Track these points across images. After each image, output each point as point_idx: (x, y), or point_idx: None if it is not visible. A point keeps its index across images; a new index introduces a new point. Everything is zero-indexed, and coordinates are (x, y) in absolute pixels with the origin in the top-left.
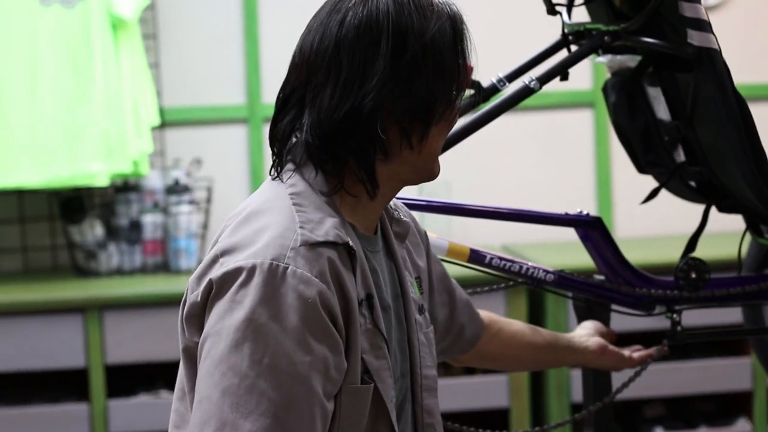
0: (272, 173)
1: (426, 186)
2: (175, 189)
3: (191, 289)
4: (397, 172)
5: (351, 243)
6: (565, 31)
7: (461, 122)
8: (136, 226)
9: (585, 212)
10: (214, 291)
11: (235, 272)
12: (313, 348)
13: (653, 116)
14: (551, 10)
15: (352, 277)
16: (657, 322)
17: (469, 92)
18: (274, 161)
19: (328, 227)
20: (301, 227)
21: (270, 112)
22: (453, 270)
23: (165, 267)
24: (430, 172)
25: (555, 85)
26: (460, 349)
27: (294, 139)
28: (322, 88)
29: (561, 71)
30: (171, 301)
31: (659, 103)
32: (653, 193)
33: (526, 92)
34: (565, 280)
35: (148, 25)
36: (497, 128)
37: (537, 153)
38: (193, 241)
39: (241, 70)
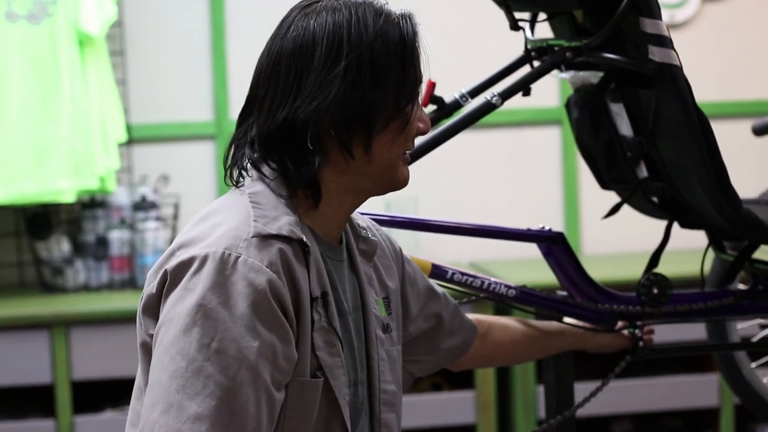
0: (227, 182)
1: (393, 202)
2: (142, 205)
3: (148, 282)
4: (355, 182)
5: (305, 239)
6: (528, 47)
7: (422, 138)
8: (102, 242)
9: (547, 228)
10: (169, 281)
11: (189, 261)
12: (261, 334)
13: (616, 132)
14: (514, 25)
15: (306, 273)
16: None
17: (431, 107)
18: (230, 170)
19: (282, 223)
20: (255, 221)
21: None
22: None
23: (132, 283)
24: (391, 182)
25: (522, 102)
26: (453, 356)
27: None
28: (264, 101)
29: (523, 87)
30: None
31: (622, 119)
32: (615, 209)
33: (488, 108)
34: (526, 296)
35: (116, 42)
36: (465, 145)
37: (505, 170)
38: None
39: (209, 87)
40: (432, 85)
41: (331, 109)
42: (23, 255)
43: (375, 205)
